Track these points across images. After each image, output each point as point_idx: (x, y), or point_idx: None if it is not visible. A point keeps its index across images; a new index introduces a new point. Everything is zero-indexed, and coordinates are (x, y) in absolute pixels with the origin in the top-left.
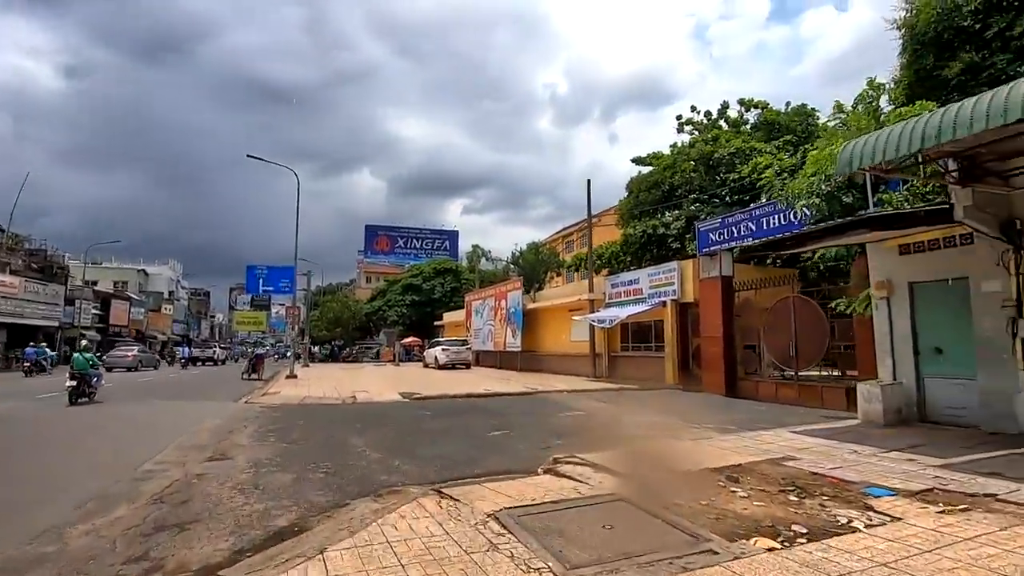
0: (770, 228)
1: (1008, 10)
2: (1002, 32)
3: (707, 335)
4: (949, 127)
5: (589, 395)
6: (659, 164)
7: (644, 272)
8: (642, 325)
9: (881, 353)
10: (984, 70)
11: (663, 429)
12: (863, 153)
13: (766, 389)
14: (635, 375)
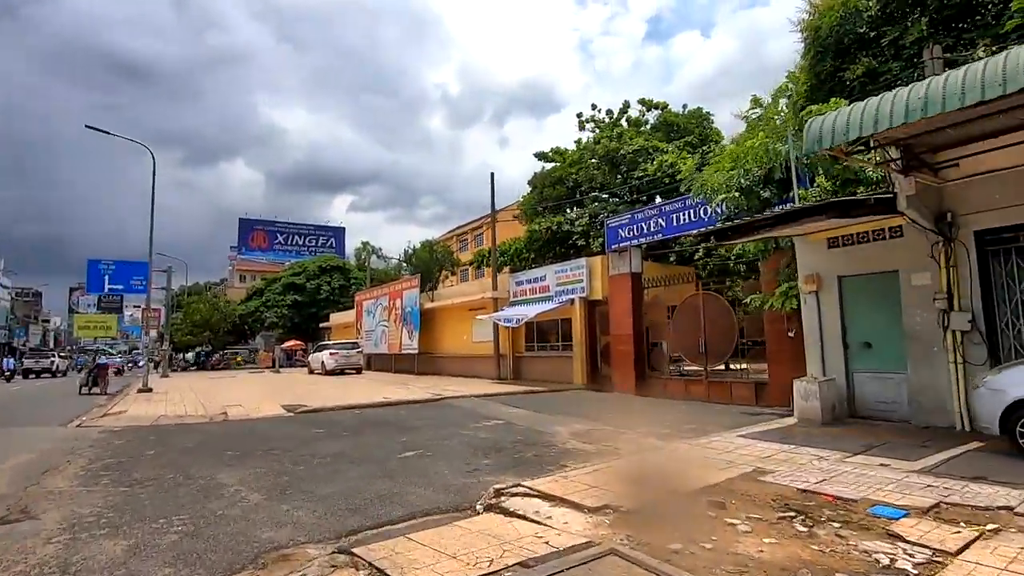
0: (681, 224)
1: (900, 20)
2: (895, 41)
3: (617, 333)
4: (920, 106)
5: (499, 399)
6: (563, 160)
7: (551, 269)
8: (548, 324)
9: (811, 349)
10: (881, 75)
11: (600, 439)
12: (835, 129)
13: (675, 387)
14: (542, 376)
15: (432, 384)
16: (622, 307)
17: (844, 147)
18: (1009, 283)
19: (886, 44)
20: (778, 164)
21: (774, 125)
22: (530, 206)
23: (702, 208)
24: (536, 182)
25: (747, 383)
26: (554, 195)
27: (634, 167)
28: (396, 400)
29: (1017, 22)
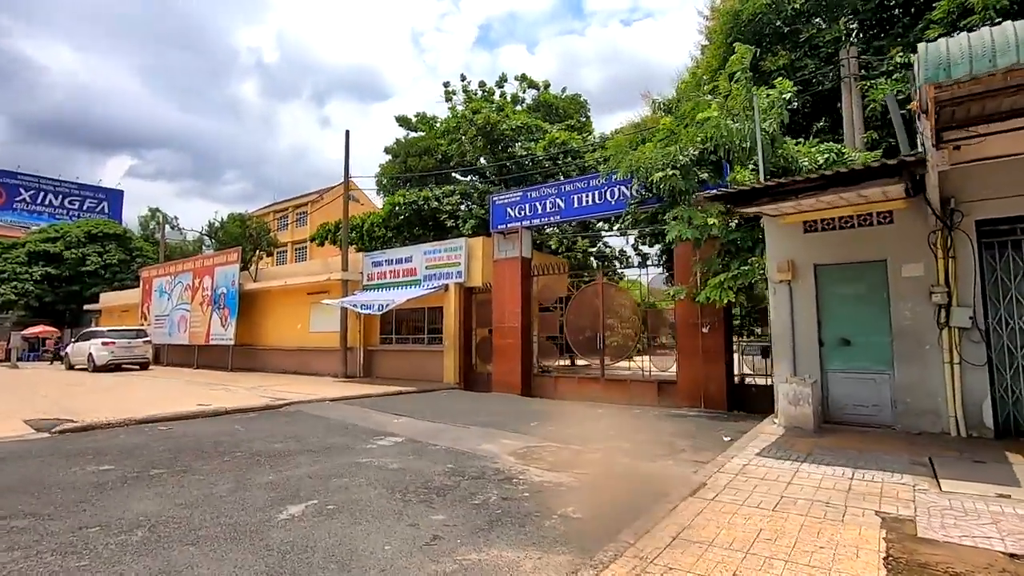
0: (583, 207)
1: (819, 19)
2: (811, 39)
3: (501, 325)
4: None
5: (365, 404)
6: (431, 129)
7: (419, 249)
8: (410, 313)
9: (781, 346)
10: (798, 70)
11: (563, 463)
12: (973, 55)
13: (567, 386)
14: (401, 373)
15: (259, 383)
16: (509, 296)
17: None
18: (1004, 278)
19: (803, 40)
20: (730, 142)
21: (726, 103)
22: (389, 178)
23: (608, 190)
24: (398, 150)
25: (648, 381)
26: (420, 167)
27: (510, 145)
28: (220, 408)
29: (938, 31)
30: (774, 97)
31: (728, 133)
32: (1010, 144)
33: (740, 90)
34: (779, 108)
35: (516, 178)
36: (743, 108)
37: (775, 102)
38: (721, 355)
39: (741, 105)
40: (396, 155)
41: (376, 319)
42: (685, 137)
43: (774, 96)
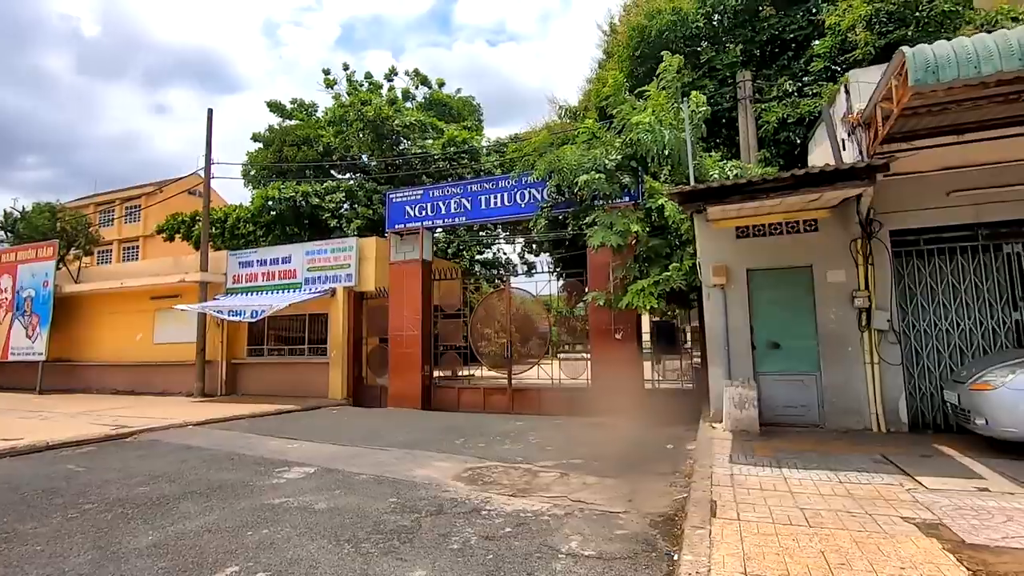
0: (491, 208)
1: (713, 40)
2: (711, 60)
3: (400, 334)
4: None
5: (240, 427)
6: (308, 116)
7: (300, 249)
8: (288, 321)
9: (715, 349)
10: (698, 89)
11: (529, 487)
12: (959, 60)
13: (472, 398)
14: (276, 389)
15: (89, 407)
16: (408, 301)
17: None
18: (910, 285)
19: (703, 62)
20: (655, 149)
21: (655, 111)
22: (260, 167)
23: (519, 192)
24: (271, 138)
25: (558, 391)
26: (299, 158)
27: (400, 142)
28: (40, 443)
29: (821, 64)
30: (694, 109)
31: (659, 139)
32: (921, 162)
33: (667, 99)
34: (699, 120)
35: (406, 177)
36: (671, 117)
37: (694, 115)
38: (634, 362)
39: (669, 114)
40: (268, 144)
41: (242, 328)
42: (608, 142)
43: (694, 107)
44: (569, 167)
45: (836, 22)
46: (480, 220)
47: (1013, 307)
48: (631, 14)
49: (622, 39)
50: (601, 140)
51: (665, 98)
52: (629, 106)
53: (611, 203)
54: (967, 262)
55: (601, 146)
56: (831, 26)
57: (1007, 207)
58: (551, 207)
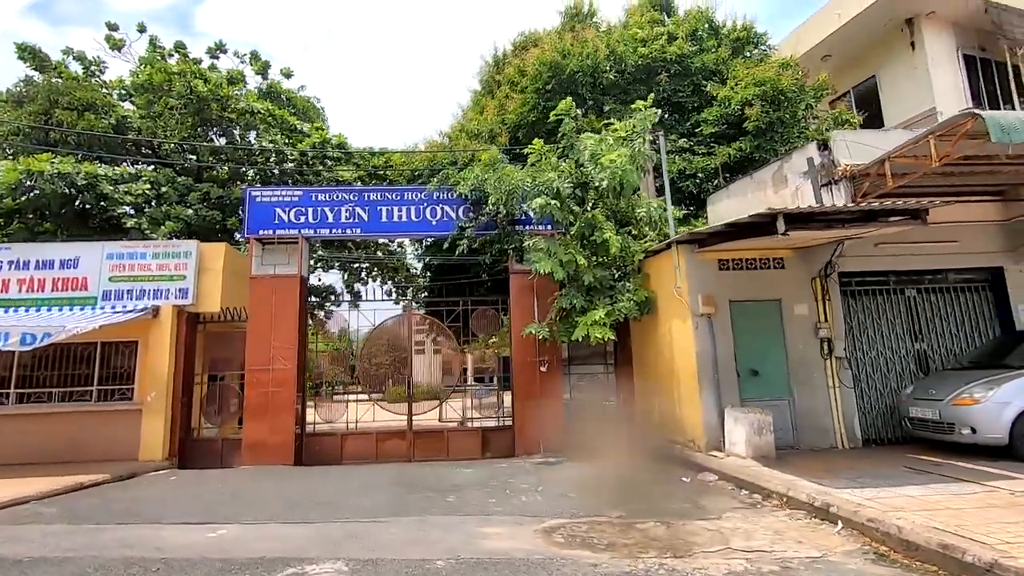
0: (396, 222)
1: (617, 93)
2: (613, 111)
3: (264, 368)
4: None
5: (48, 514)
6: (89, 77)
7: (94, 249)
8: (58, 351)
9: (704, 378)
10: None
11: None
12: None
13: (359, 446)
14: (38, 454)
15: None
16: (279, 328)
17: None
18: (858, 318)
19: (607, 110)
20: (611, 183)
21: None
22: (12, 131)
23: (429, 207)
24: (34, 95)
25: (470, 431)
26: (82, 129)
27: (229, 133)
28: None
29: (709, 128)
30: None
31: (619, 176)
32: None
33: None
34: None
35: (238, 177)
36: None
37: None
38: (560, 395)
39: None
40: (23, 101)
41: None
42: (555, 167)
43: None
44: (517, 188)
45: (728, 96)
46: (379, 234)
47: (913, 339)
48: (526, 50)
49: (531, 72)
50: (549, 164)
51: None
52: (594, 139)
53: (535, 229)
54: (884, 302)
55: (551, 171)
56: (722, 99)
57: (911, 259)
58: (480, 228)
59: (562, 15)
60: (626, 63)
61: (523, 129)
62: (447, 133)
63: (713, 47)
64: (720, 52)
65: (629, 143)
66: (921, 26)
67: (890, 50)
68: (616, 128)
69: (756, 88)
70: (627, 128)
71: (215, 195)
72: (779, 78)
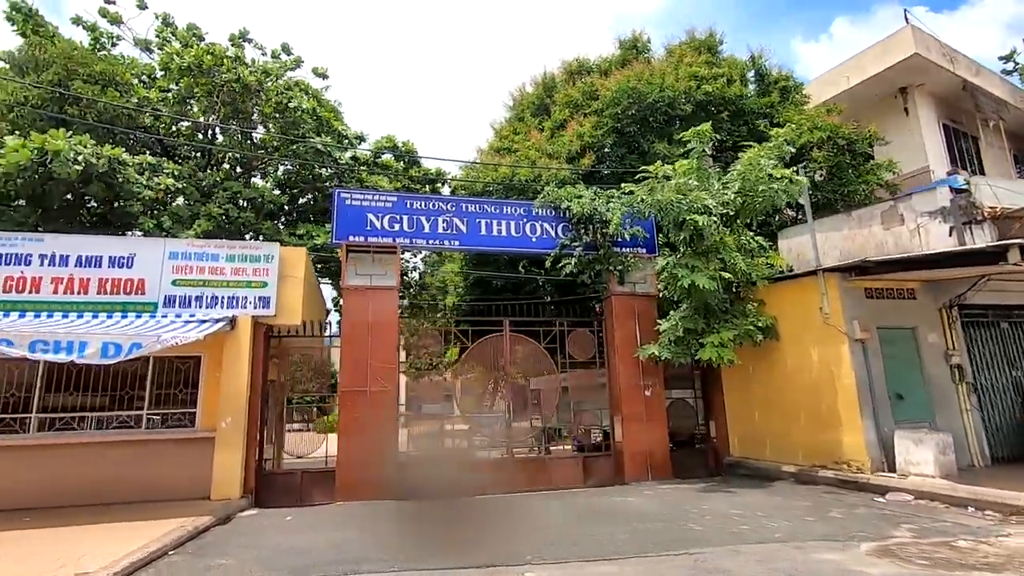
0: (495, 236)
1: (679, 120)
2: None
3: (363, 388)
4: None
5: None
6: (98, 47)
7: (153, 245)
8: (91, 368)
9: (864, 402)
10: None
11: None
12: None
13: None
14: (63, 495)
15: None
16: (377, 345)
17: None
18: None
19: (676, 140)
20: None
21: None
22: (8, 103)
23: (529, 223)
24: (48, 62)
25: (569, 459)
26: (103, 106)
27: (258, 127)
28: None
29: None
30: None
31: (778, 196)
32: None
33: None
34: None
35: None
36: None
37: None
38: (664, 418)
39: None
40: (25, 67)
41: None
42: (707, 187)
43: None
44: (671, 203)
45: (788, 137)
46: (478, 248)
47: (1010, 367)
48: (580, 75)
49: (606, 96)
50: (700, 182)
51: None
52: (750, 156)
53: (635, 251)
54: (990, 332)
55: (703, 188)
56: (779, 141)
57: (1009, 295)
58: (582, 245)
59: (618, 45)
60: (694, 97)
61: (594, 151)
62: (490, 149)
63: (762, 91)
64: (772, 96)
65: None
66: (914, 96)
67: (889, 112)
68: (766, 147)
69: (819, 132)
70: (771, 150)
71: (246, 196)
72: (840, 125)
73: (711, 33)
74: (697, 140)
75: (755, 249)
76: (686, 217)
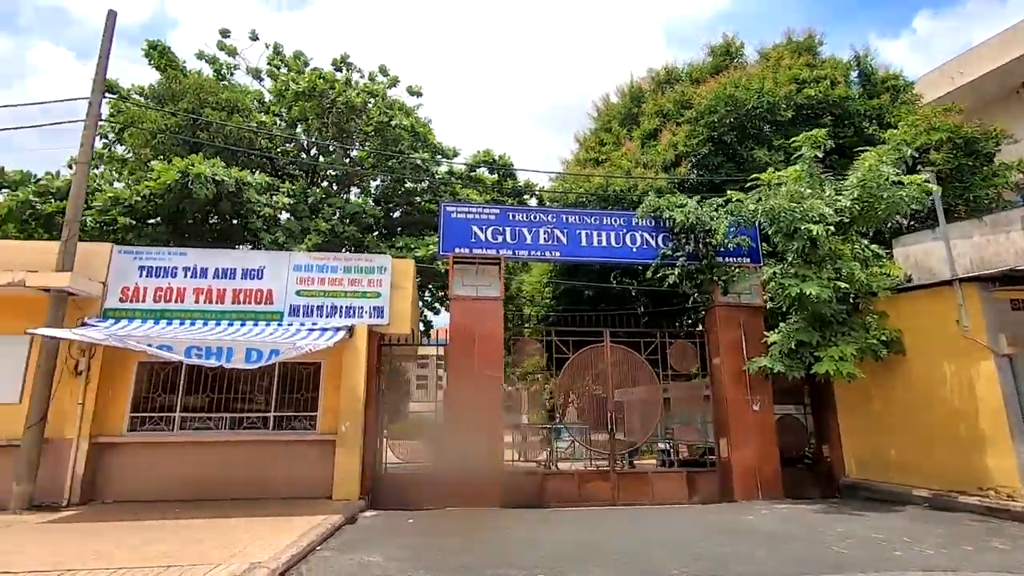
0: (595, 247)
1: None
2: (783, 146)
3: (468, 397)
4: None
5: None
6: (220, 78)
7: (279, 259)
8: (213, 371)
9: (1011, 423)
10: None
11: None
12: None
13: (561, 487)
14: (199, 489)
15: None
16: (483, 354)
17: None
18: None
19: (776, 146)
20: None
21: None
22: (167, 130)
23: (628, 233)
24: (182, 92)
25: (673, 473)
26: (229, 131)
27: (361, 146)
28: None
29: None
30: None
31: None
32: None
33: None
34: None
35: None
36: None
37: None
38: (773, 434)
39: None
40: (164, 99)
41: (121, 379)
42: (817, 194)
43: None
44: (787, 212)
45: (903, 138)
46: (578, 259)
47: None
48: (669, 84)
49: (700, 105)
50: (813, 190)
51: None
52: (873, 158)
53: (737, 260)
54: None
55: (816, 195)
56: (894, 143)
57: None
58: (684, 255)
59: (709, 51)
60: (794, 102)
61: (690, 160)
62: (575, 160)
63: (869, 93)
64: (883, 98)
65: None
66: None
67: (1008, 108)
68: (883, 151)
69: (936, 133)
70: (889, 153)
71: (348, 211)
72: (960, 124)
73: (810, 34)
74: (808, 146)
75: (870, 258)
76: (799, 226)
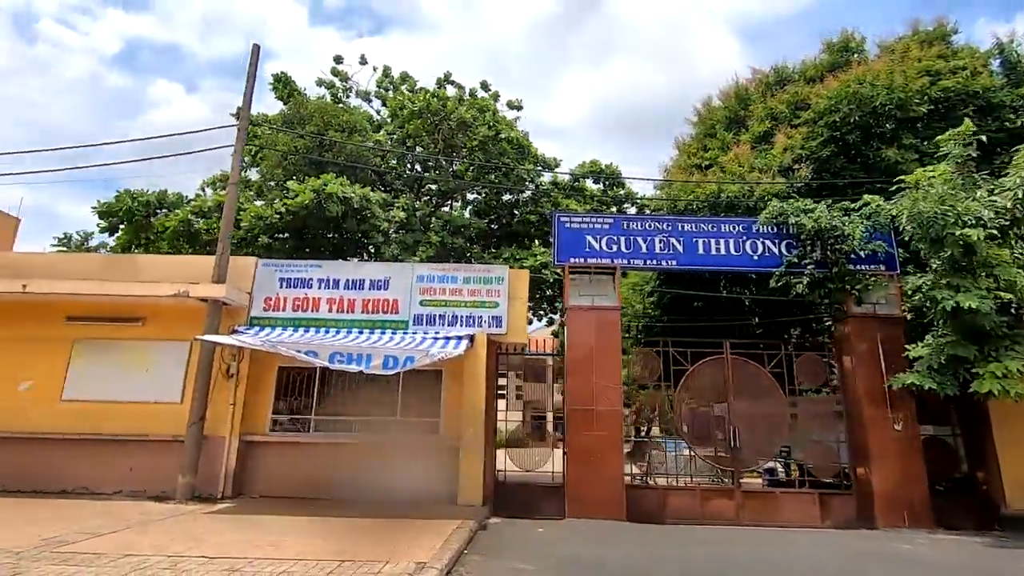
0: (713, 255)
1: (913, 124)
2: (913, 146)
3: (588, 408)
4: None
5: None
6: (337, 101)
7: (403, 270)
8: (338, 377)
9: None
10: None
11: None
12: None
13: (683, 503)
14: (331, 488)
15: None
16: (601, 364)
17: None
18: None
19: (908, 145)
20: None
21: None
22: (300, 153)
23: (749, 240)
24: (309, 117)
25: (803, 494)
26: (350, 151)
27: (458, 154)
28: None
29: None
30: None
31: None
32: None
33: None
34: None
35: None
36: None
37: None
38: (920, 457)
39: None
40: (293, 123)
41: (265, 382)
42: (977, 195)
43: None
44: (938, 216)
45: None
46: (696, 268)
47: None
48: (780, 85)
49: (819, 105)
50: (965, 191)
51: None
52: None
53: (875, 270)
54: None
55: (969, 196)
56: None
57: None
58: (796, 261)
59: (824, 48)
60: (928, 95)
61: (809, 162)
62: (676, 166)
63: (1014, 82)
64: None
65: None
66: None
67: None
68: None
69: None
70: None
71: (456, 222)
72: None
73: (940, 23)
74: (955, 142)
75: None
76: (953, 231)
